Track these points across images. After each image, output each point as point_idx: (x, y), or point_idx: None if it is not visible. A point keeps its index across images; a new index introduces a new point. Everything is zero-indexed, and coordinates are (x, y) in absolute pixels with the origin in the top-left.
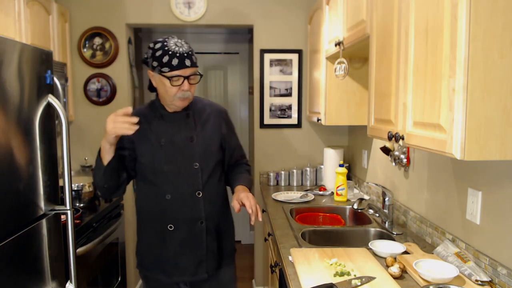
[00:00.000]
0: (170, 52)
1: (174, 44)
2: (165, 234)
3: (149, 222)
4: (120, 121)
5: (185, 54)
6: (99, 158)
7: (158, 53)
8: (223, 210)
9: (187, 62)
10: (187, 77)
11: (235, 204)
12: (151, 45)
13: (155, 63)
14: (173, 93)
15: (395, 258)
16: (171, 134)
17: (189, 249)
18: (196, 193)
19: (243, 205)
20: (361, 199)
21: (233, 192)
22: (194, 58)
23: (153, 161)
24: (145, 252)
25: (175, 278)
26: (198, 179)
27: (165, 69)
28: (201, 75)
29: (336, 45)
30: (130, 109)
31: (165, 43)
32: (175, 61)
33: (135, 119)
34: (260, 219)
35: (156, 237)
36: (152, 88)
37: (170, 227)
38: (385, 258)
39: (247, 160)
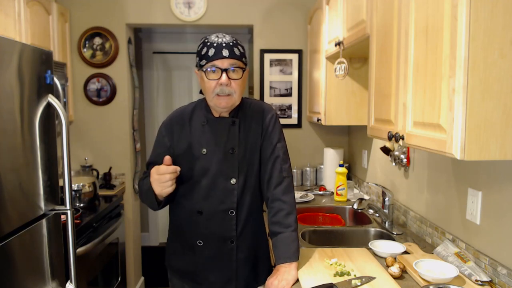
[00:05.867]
0: (208, 43)
1: (216, 36)
2: (194, 248)
3: (179, 234)
4: (165, 180)
5: (224, 44)
6: (149, 189)
7: (199, 48)
8: (258, 229)
9: (225, 52)
10: (225, 70)
11: None
12: None
13: (197, 59)
14: (211, 88)
15: (395, 258)
16: (213, 143)
17: (218, 266)
18: (229, 212)
19: None
20: (361, 199)
21: (273, 265)
22: (237, 50)
23: (191, 172)
24: (175, 260)
25: None
26: (233, 197)
27: (203, 61)
28: (244, 69)
29: (336, 45)
30: (169, 159)
31: (207, 37)
32: (211, 51)
33: (176, 168)
34: None
35: (186, 249)
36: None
37: (199, 242)
38: (385, 258)
39: (288, 186)
